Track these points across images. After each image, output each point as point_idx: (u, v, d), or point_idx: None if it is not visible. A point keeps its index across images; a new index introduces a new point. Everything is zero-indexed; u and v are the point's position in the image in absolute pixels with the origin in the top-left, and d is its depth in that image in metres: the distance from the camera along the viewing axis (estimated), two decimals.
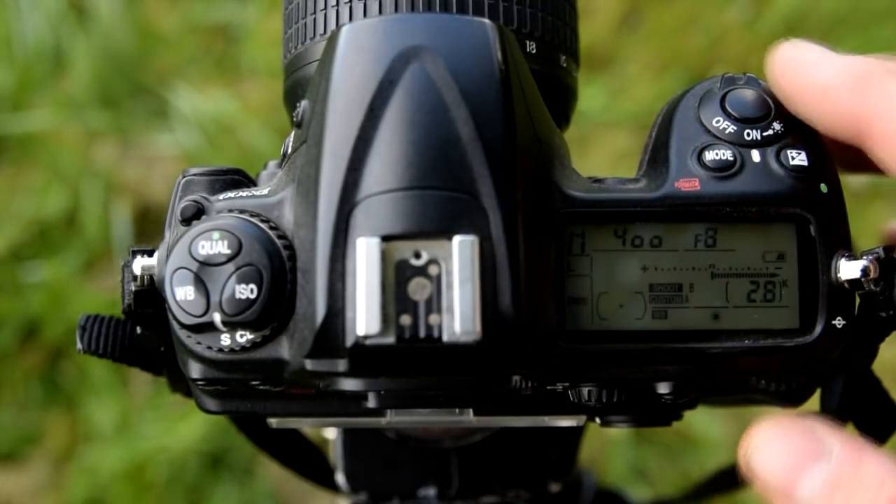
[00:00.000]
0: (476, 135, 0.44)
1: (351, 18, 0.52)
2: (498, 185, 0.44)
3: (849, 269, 0.48)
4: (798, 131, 0.50)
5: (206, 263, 0.45)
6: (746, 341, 0.48)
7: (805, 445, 0.46)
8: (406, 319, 0.43)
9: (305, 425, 0.60)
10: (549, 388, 0.49)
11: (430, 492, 0.68)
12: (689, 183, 0.48)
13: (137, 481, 1.60)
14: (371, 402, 0.47)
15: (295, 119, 0.49)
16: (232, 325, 0.45)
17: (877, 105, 0.46)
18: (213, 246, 0.45)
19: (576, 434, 0.69)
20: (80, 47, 1.90)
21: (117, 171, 1.83)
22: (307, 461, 0.75)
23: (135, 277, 0.48)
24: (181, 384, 0.56)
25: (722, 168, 0.48)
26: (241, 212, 0.47)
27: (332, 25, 0.53)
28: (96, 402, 1.65)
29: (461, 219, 0.43)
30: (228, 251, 0.45)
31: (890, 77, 0.46)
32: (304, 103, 0.48)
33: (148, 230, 1.78)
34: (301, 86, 0.54)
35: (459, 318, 0.43)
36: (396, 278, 0.43)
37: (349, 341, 0.43)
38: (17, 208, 1.77)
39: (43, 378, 1.69)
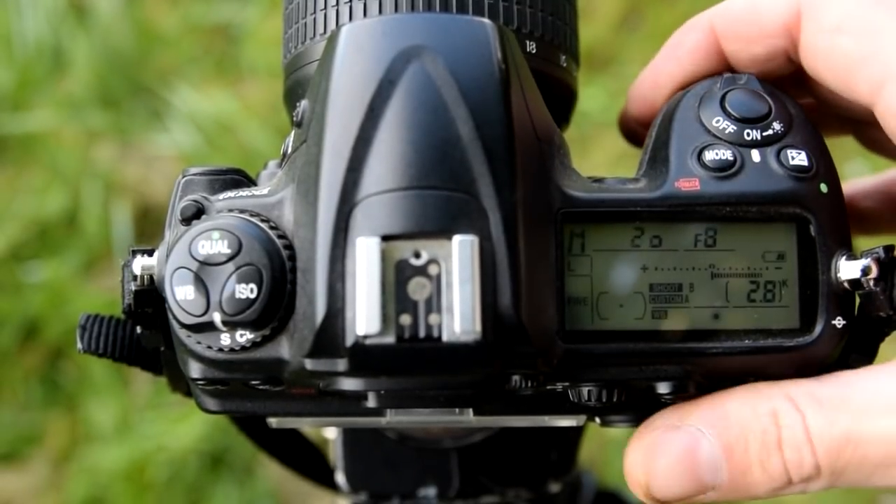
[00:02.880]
0: (476, 134, 0.44)
1: (351, 18, 0.52)
2: (498, 185, 0.44)
3: (849, 269, 0.48)
4: (798, 131, 0.50)
5: (206, 263, 0.45)
6: (746, 341, 0.48)
7: (676, 443, 0.47)
8: (406, 319, 0.43)
9: (305, 425, 0.60)
10: (549, 387, 0.49)
11: (430, 492, 0.68)
12: (689, 183, 0.48)
13: (137, 481, 1.60)
14: (371, 402, 0.47)
15: (295, 119, 0.49)
16: (232, 325, 0.45)
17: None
18: (213, 245, 0.45)
19: (576, 434, 0.69)
20: (80, 47, 1.90)
21: (117, 171, 1.83)
22: (307, 461, 0.75)
23: (135, 277, 0.48)
24: (181, 384, 0.56)
25: (722, 168, 0.48)
26: (241, 211, 0.47)
27: (332, 25, 0.53)
28: (96, 402, 1.65)
29: (461, 218, 0.43)
30: (228, 251, 0.45)
31: None
32: (304, 103, 0.48)
33: (148, 230, 1.78)
34: (301, 86, 0.54)
35: (459, 317, 0.43)
36: (396, 278, 0.43)
37: (349, 341, 0.43)
38: (17, 208, 1.77)
39: (43, 378, 1.69)
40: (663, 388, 0.49)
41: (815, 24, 0.50)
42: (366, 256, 0.43)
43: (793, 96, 0.52)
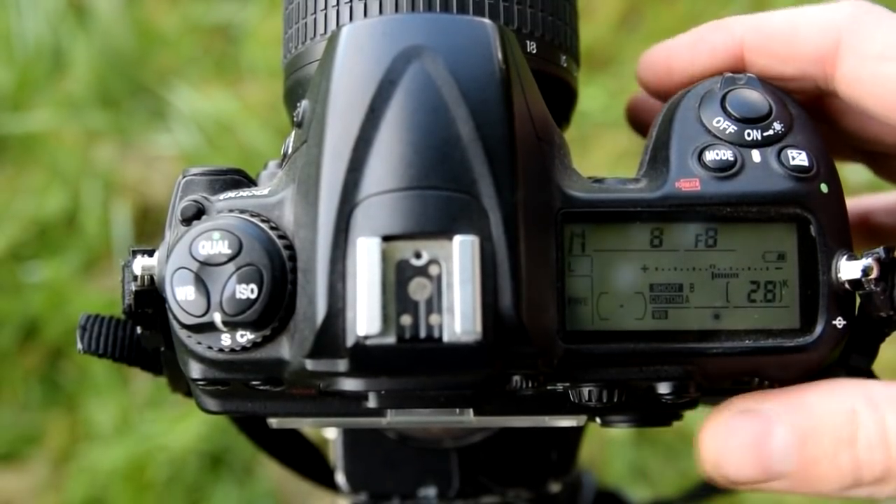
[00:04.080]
0: (476, 135, 0.44)
1: (351, 18, 0.52)
2: (498, 185, 0.44)
3: (849, 269, 0.48)
4: (799, 131, 0.50)
5: (206, 263, 0.45)
6: (747, 341, 0.48)
7: (750, 426, 0.47)
8: (406, 319, 0.43)
9: (305, 425, 0.60)
10: (549, 388, 0.49)
11: (430, 492, 0.68)
12: (689, 183, 0.48)
13: (137, 481, 1.60)
14: (371, 402, 0.47)
15: (295, 119, 0.49)
16: (232, 325, 0.45)
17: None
18: (214, 246, 0.45)
19: (576, 434, 0.69)
20: (80, 47, 1.90)
21: (117, 171, 1.83)
22: (307, 461, 0.75)
23: (135, 277, 0.48)
24: (181, 384, 0.56)
25: (722, 168, 0.48)
26: (242, 212, 0.47)
27: (332, 25, 0.53)
28: (96, 402, 1.65)
29: (462, 219, 0.43)
30: (229, 251, 0.45)
31: None
32: (304, 103, 0.48)
33: (148, 230, 1.78)
34: (301, 86, 0.54)
35: (460, 318, 0.43)
36: (397, 278, 0.43)
37: (350, 341, 0.43)
38: (17, 208, 1.77)
39: (43, 378, 1.69)
40: (664, 388, 0.49)
41: (859, 53, 0.50)
42: (366, 257, 0.43)
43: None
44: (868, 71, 0.49)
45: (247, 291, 0.45)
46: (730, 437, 0.48)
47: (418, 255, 0.43)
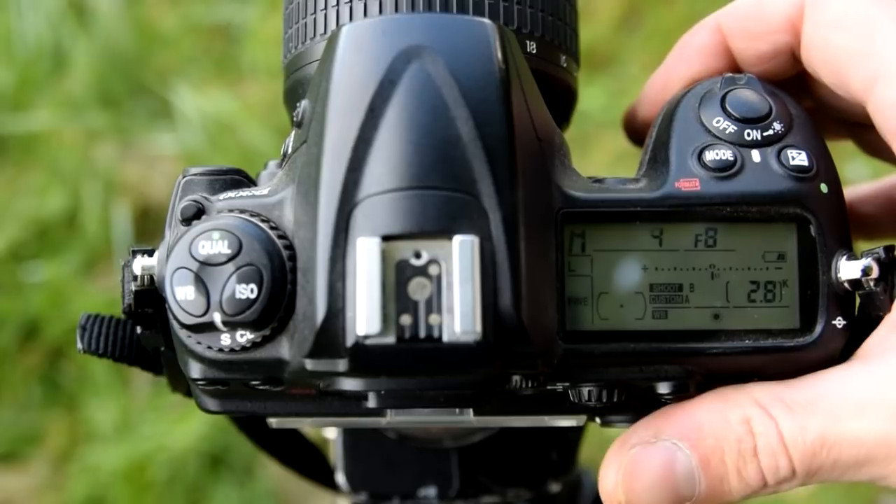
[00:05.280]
0: (476, 134, 0.44)
1: (351, 18, 0.52)
2: (498, 185, 0.44)
3: (849, 269, 0.48)
4: (798, 131, 0.50)
5: (206, 263, 0.45)
6: (747, 341, 0.48)
7: (652, 461, 0.47)
8: (406, 319, 0.43)
9: (305, 425, 0.60)
10: (549, 388, 0.49)
11: (431, 492, 0.68)
12: (689, 183, 0.48)
13: (137, 481, 1.60)
14: (371, 402, 0.47)
15: (295, 119, 0.49)
16: (232, 325, 0.45)
17: None
18: (214, 246, 0.45)
19: (576, 434, 0.69)
20: (80, 47, 1.90)
21: (117, 171, 1.83)
22: (307, 461, 0.75)
23: (135, 277, 0.48)
24: (181, 384, 0.56)
25: (722, 168, 0.48)
26: (242, 212, 0.47)
27: (332, 25, 0.53)
28: (96, 402, 1.65)
29: (461, 219, 0.43)
30: (229, 251, 0.45)
31: None
32: (304, 103, 0.48)
33: (148, 230, 1.78)
34: (301, 86, 0.54)
35: (460, 317, 0.42)
36: (397, 278, 0.43)
37: (349, 341, 0.43)
38: (17, 208, 1.77)
39: (43, 378, 1.69)
40: (664, 388, 0.49)
41: (815, 19, 0.50)
42: (366, 256, 0.43)
43: (795, 98, 0.52)
44: (821, 38, 0.50)
45: (246, 291, 0.45)
46: (635, 478, 0.48)
47: (418, 255, 0.43)
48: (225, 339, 0.46)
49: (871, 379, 0.46)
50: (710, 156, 0.49)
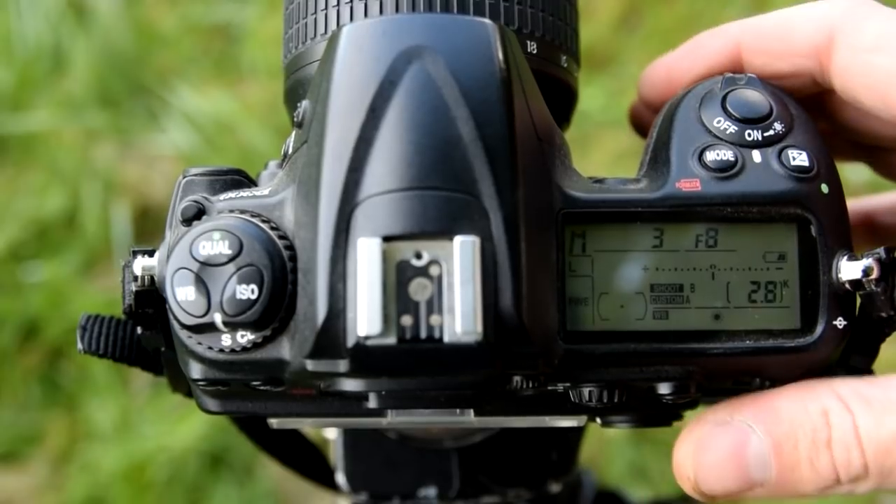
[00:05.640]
0: (477, 135, 0.44)
1: (352, 18, 0.52)
2: (499, 186, 0.44)
3: (850, 270, 0.48)
4: (799, 132, 0.50)
5: (206, 264, 0.45)
6: (747, 341, 0.48)
7: (725, 439, 0.47)
8: (407, 320, 0.43)
9: (306, 425, 0.60)
10: (549, 388, 0.49)
11: (431, 492, 0.68)
12: (689, 183, 0.48)
13: (137, 481, 1.60)
14: (372, 403, 0.47)
15: (295, 119, 0.49)
16: (233, 326, 0.45)
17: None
18: (214, 246, 0.45)
19: (576, 434, 0.69)
20: (80, 47, 1.90)
21: (117, 171, 1.83)
22: (307, 461, 0.75)
23: (135, 278, 0.48)
24: (182, 384, 0.56)
25: (723, 168, 0.48)
26: (242, 212, 0.47)
27: (332, 25, 0.53)
28: (96, 402, 1.65)
29: (462, 219, 0.43)
30: (229, 251, 0.45)
31: None
32: (304, 103, 0.48)
33: (148, 230, 1.78)
34: (302, 86, 0.54)
35: (460, 318, 0.42)
36: (397, 279, 0.43)
37: (350, 342, 0.43)
38: (17, 208, 1.77)
39: (43, 378, 1.69)
40: (664, 388, 0.49)
41: (851, 45, 0.50)
42: (367, 257, 0.43)
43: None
44: (860, 62, 0.50)
45: (247, 292, 0.45)
46: (706, 452, 0.48)
47: (419, 256, 0.43)
48: (225, 340, 0.46)
49: None
50: (710, 156, 0.49)
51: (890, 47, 0.49)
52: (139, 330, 0.51)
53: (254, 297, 0.44)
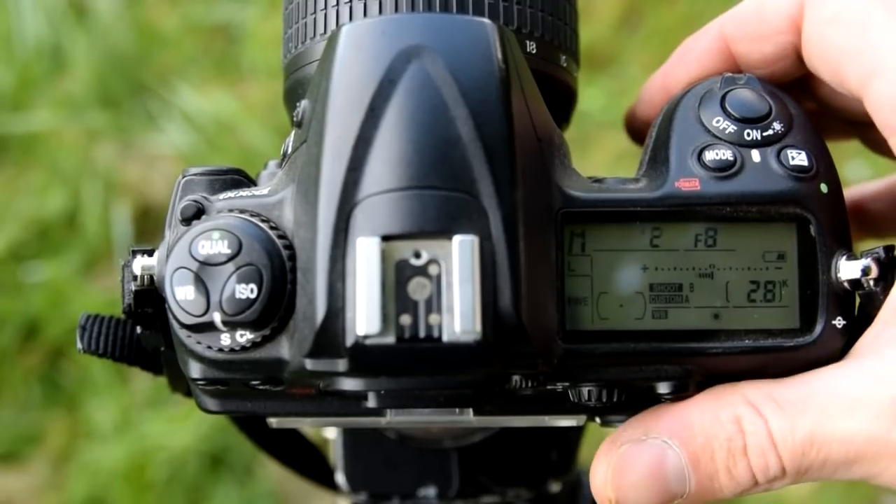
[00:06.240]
0: (476, 134, 0.44)
1: (351, 18, 0.52)
2: (498, 185, 0.44)
3: (849, 269, 0.48)
4: (798, 131, 0.50)
5: (206, 263, 0.45)
6: (746, 341, 0.48)
7: (642, 458, 0.48)
8: (406, 319, 0.43)
9: (305, 425, 0.60)
10: (549, 387, 0.49)
11: (430, 492, 0.68)
12: (689, 183, 0.48)
13: (137, 481, 1.60)
14: (371, 402, 0.47)
15: (295, 119, 0.49)
16: (232, 325, 0.45)
17: None
18: (214, 246, 0.45)
19: (576, 434, 0.69)
20: (80, 47, 1.90)
21: (117, 171, 1.83)
22: (307, 461, 0.75)
23: (135, 277, 0.48)
24: (181, 384, 0.56)
25: (722, 168, 0.48)
26: (242, 211, 0.47)
27: (332, 25, 0.53)
28: (96, 401, 1.65)
29: (461, 218, 0.43)
30: (228, 251, 0.45)
31: None
32: (304, 103, 0.48)
33: (148, 230, 1.78)
34: (301, 86, 0.54)
35: (460, 317, 0.42)
36: (396, 278, 0.43)
37: (349, 341, 0.43)
38: (17, 208, 1.77)
39: (43, 378, 1.69)
40: (664, 388, 0.49)
41: (813, 16, 0.50)
42: (366, 256, 0.43)
43: (798, 100, 0.52)
44: (817, 34, 0.50)
45: (246, 291, 0.45)
46: (624, 474, 0.48)
47: (418, 255, 0.43)
48: (225, 339, 0.46)
49: (862, 377, 0.46)
50: (709, 156, 0.49)
51: (845, 20, 0.49)
52: (139, 329, 0.51)
53: (253, 296, 0.45)
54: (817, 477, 0.46)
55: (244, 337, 0.46)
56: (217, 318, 0.45)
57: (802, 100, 0.54)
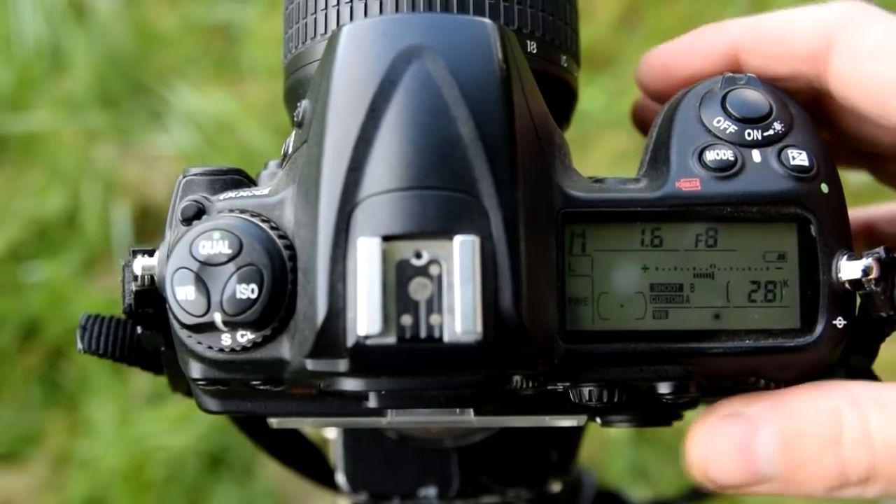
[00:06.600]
0: (477, 134, 0.44)
1: (352, 18, 0.52)
2: (499, 185, 0.44)
3: (849, 269, 0.48)
4: (799, 131, 0.50)
5: (206, 263, 0.45)
6: (747, 341, 0.48)
7: (735, 430, 0.47)
8: (407, 319, 0.43)
9: (306, 425, 0.60)
10: (549, 388, 0.49)
11: (431, 492, 0.68)
12: (689, 183, 0.48)
13: (137, 481, 1.60)
14: (372, 402, 0.47)
15: (295, 119, 0.49)
16: (233, 325, 0.45)
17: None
18: (214, 246, 0.45)
19: (576, 434, 0.69)
20: (80, 47, 1.90)
21: (117, 171, 1.83)
22: (307, 461, 0.75)
23: (135, 277, 0.48)
24: (181, 384, 0.56)
25: (723, 168, 0.48)
26: (242, 212, 0.47)
27: (332, 25, 0.53)
28: (96, 401, 1.65)
29: (462, 219, 0.43)
30: (229, 251, 0.45)
31: None
32: (304, 103, 0.48)
33: (148, 230, 1.78)
34: (302, 86, 0.54)
35: (460, 317, 0.42)
36: (397, 278, 0.43)
37: (350, 341, 0.43)
38: (17, 208, 1.77)
39: (43, 378, 1.69)
40: (664, 388, 0.49)
41: (849, 50, 0.50)
42: (367, 257, 0.43)
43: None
44: (858, 68, 0.50)
45: (247, 291, 0.45)
46: (716, 441, 0.48)
47: (419, 255, 0.43)
48: (225, 340, 0.46)
49: None
50: (710, 156, 0.49)
51: (889, 54, 0.49)
52: (139, 329, 0.51)
53: (254, 296, 0.45)
54: None
55: (245, 337, 0.46)
56: (218, 318, 0.45)
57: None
